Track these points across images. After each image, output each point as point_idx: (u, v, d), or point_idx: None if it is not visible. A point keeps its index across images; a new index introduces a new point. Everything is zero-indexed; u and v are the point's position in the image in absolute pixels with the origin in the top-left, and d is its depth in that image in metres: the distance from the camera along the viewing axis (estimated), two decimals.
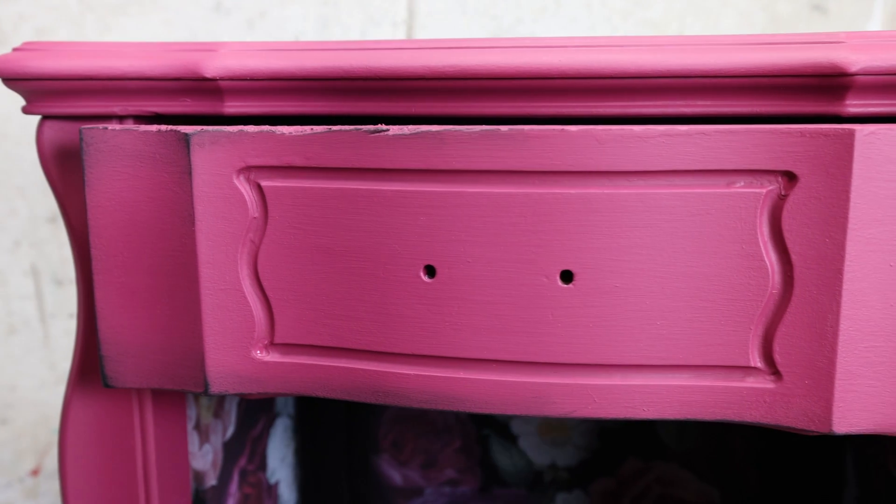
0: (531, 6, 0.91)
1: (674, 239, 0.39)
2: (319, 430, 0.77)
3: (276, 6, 0.90)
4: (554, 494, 0.78)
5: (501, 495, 0.79)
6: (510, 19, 0.91)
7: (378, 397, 0.43)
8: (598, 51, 0.40)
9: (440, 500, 0.79)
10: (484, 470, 0.79)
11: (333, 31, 0.90)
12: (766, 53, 0.39)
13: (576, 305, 0.40)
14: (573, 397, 0.41)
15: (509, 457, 0.78)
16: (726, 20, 0.90)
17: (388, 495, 0.80)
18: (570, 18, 0.91)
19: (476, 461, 0.79)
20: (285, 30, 0.89)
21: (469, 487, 0.79)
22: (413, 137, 0.39)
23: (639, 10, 0.91)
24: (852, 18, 0.89)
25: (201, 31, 0.88)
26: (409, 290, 0.41)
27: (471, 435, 0.78)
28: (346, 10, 0.91)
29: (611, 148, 0.38)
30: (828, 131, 0.37)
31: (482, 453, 0.78)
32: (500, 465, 0.78)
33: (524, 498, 0.79)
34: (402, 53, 0.41)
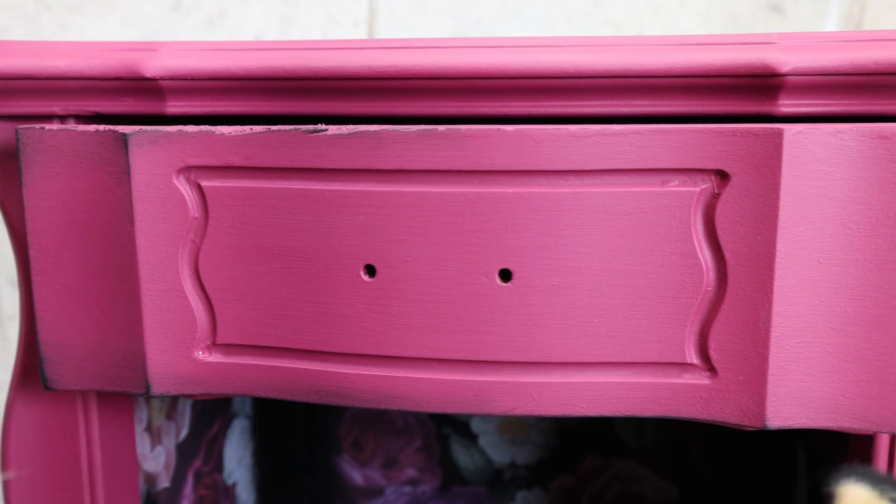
0: (492, 6, 0.91)
1: (610, 237, 0.39)
2: (278, 431, 0.77)
3: (236, 6, 0.90)
4: (514, 493, 0.79)
5: (462, 494, 0.79)
6: (471, 19, 0.91)
7: (321, 397, 0.43)
8: (537, 51, 0.41)
9: (401, 500, 0.80)
10: (444, 469, 0.79)
11: (294, 31, 0.89)
12: (700, 54, 0.40)
13: (515, 304, 0.40)
14: (513, 395, 0.41)
15: (469, 455, 0.79)
16: (685, 20, 0.91)
17: (348, 495, 0.80)
18: (531, 19, 0.91)
19: (436, 460, 0.79)
20: (245, 29, 0.89)
21: (430, 486, 0.79)
22: (351, 137, 0.39)
23: (599, 11, 0.91)
24: (809, 19, 0.90)
25: (160, 31, 0.87)
26: (350, 290, 0.41)
27: (431, 434, 0.78)
28: (306, 9, 0.90)
29: (547, 147, 0.38)
30: (758, 131, 0.37)
31: (442, 452, 0.79)
32: (460, 463, 0.79)
33: (484, 496, 0.79)
34: (343, 53, 0.41)
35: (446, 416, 0.78)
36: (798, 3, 0.91)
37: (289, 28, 0.90)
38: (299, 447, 0.78)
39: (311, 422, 0.78)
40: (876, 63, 0.38)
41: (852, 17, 0.89)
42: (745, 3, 0.91)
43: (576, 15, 0.91)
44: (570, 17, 0.91)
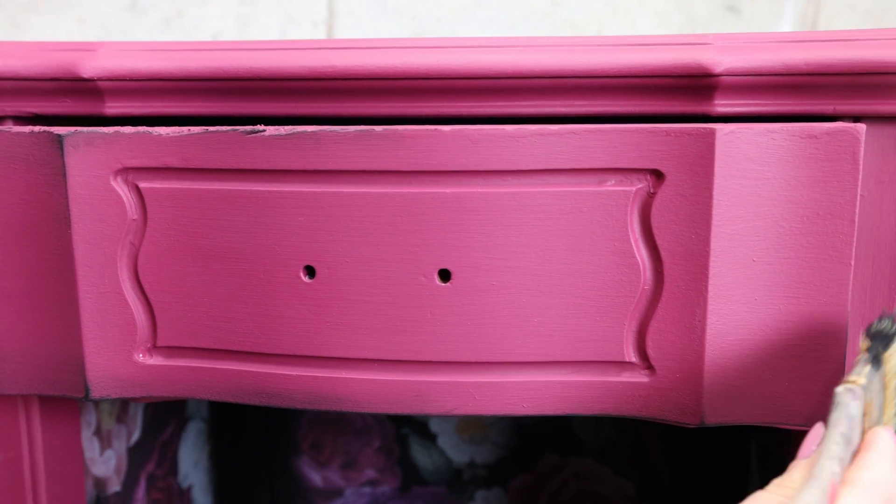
0: (451, 6, 0.91)
1: (548, 237, 0.39)
2: (236, 434, 0.77)
3: (194, 5, 0.89)
4: (473, 492, 0.79)
5: (421, 494, 0.79)
6: (430, 19, 0.91)
7: (262, 399, 0.42)
8: (477, 52, 0.41)
9: (360, 501, 0.79)
10: (404, 469, 0.79)
11: (252, 31, 0.89)
12: (636, 54, 0.40)
13: (454, 304, 0.40)
14: (453, 395, 0.41)
15: (428, 455, 0.79)
16: (644, 20, 0.91)
17: (308, 497, 0.79)
18: (490, 18, 0.91)
19: (396, 460, 0.79)
20: (203, 30, 0.88)
21: (389, 487, 0.79)
22: (289, 138, 0.39)
23: (558, 11, 0.92)
24: (765, 19, 0.91)
25: (116, 31, 0.86)
26: (290, 291, 0.41)
27: (390, 435, 0.78)
28: (264, 9, 0.90)
29: (484, 148, 0.39)
30: (691, 130, 0.38)
31: (401, 453, 0.79)
32: (419, 464, 0.79)
33: (444, 496, 0.79)
34: (283, 54, 0.41)
35: (405, 417, 0.78)
36: (754, 3, 0.92)
37: (247, 28, 0.89)
38: (258, 449, 0.78)
39: (269, 424, 0.78)
40: (807, 64, 0.38)
41: (807, 18, 0.90)
42: (703, 4, 0.92)
43: (535, 15, 0.92)
44: (529, 17, 0.92)
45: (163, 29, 0.87)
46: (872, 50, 0.38)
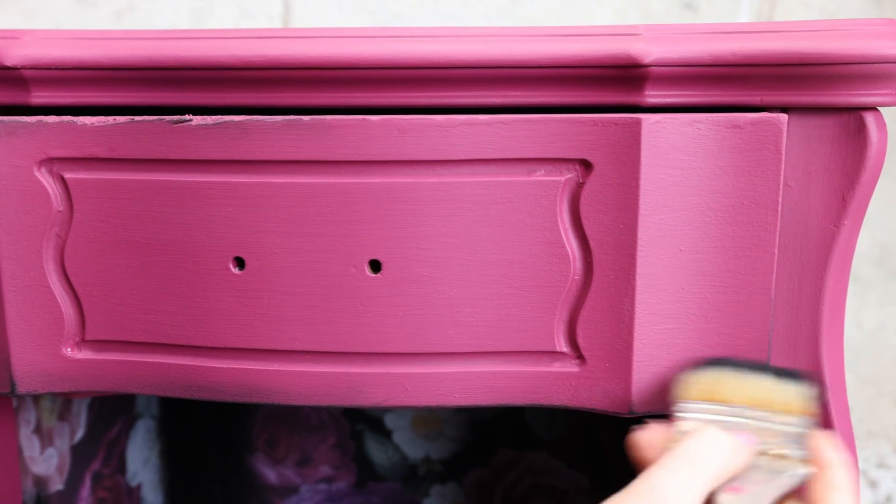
0: (408, 2, 0.91)
1: (478, 227, 0.39)
2: (187, 431, 0.76)
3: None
4: (429, 488, 0.79)
5: (377, 490, 0.79)
6: (387, 14, 0.91)
7: (193, 392, 0.42)
8: (408, 41, 0.40)
9: (316, 498, 0.79)
10: (359, 465, 0.78)
11: (207, 25, 0.88)
12: (567, 44, 0.40)
13: (384, 295, 0.40)
14: (385, 386, 0.41)
15: (384, 451, 0.78)
16: (602, 17, 0.92)
17: (263, 494, 0.79)
18: (448, 14, 0.91)
19: (351, 457, 0.78)
20: (156, 23, 0.87)
21: (345, 483, 0.79)
22: (216, 128, 0.39)
23: (516, 8, 0.92)
24: (721, 15, 0.92)
25: (66, 24, 0.85)
26: (220, 283, 0.40)
27: (345, 431, 0.78)
28: (219, 3, 0.89)
29: (413, 137, 0.38)
30: (618, 120, 0.38)
31: (357, 449, 0.78)
32: (374, 459, 0.78)
33: (399, 492, 0.79)
34: (212, 43, 0.41)
35: (360, 413, 0.78)
36: (711, 0, 0.93)
37: (201, 22, 0.88)
38: (211, 447, 0.77)
39: (222, 421, 0.77)
40: (734, 54, 0.38)
41: (763, 14, 0.91)
42: (660, 1, 0.92)
43: (493, 11, 0.92)
44: (488, 13, 0.92)
45: (114, 22, 0.86)
46: (798, 41, 0.38)
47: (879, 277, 0.90)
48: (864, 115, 0.38)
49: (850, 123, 0.39)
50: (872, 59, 0.37)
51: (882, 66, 0.37)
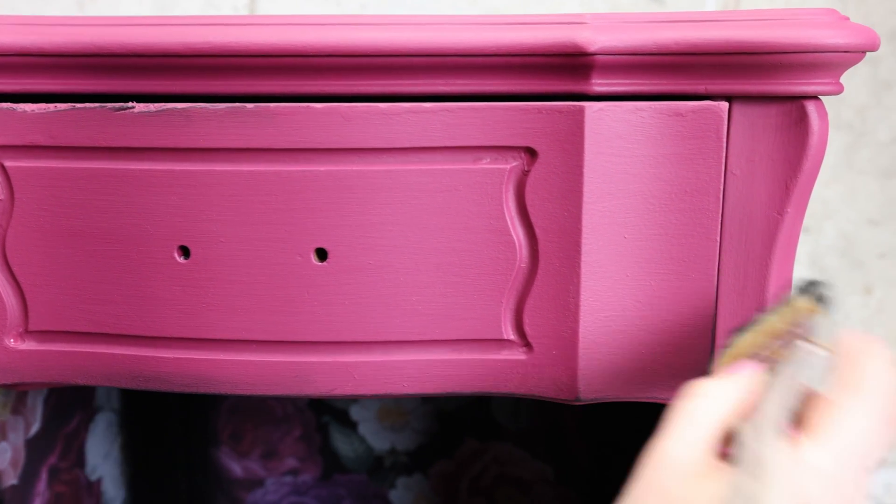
0: None
1: (424, 215, 0.39)
2: (150, 424, 0.75)
3: None
4: (395, 479, 0.79)
5: (343, 482, 0.79)
6: (354, 5, 0.90)
7: (139, 383, 0.42)
8: (355, 29, 0.40)
9: (282, 490, 0.79)
10: (325, 457, 0.78)
11: (171, 14, 0.87)
12: (513, 33, 0.40)
13: (331, 283, 0.40)
14: (333, 375, 0.41)
15: (349, 443, 0.78)
16: (569, 8, 0.92)
17: (228, 488, 0.78)
18: (417, 4, 0.91)
19: (317, 449, 0.78)
20: (119, 12, 0.86)
21: (310, 476, 0.79)
22: (159, 115, 0.38)
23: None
24: (687, 5, 0.92)
25: (26, 13, 0.84)
26: (165, 272, 0.40)
27: (310, 423, 0.78)
28: None
29: (358, 125, 0.38)
30: (562, 108, 0.38)
31: (322, 441, 0.78)
32: (340, 452, 0.78)
33: (365, 484, 0.79)
34: (156, 30, 0.40)
35: (326, 405, 0.78)
36: None
37: (166, 11, 0.87)
38: (174, 440, 0.77)
39: (187, 414, 0.77)
40: (677, 43, 0.38)
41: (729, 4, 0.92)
42: None
43: (461, 1, 0.91)
44: (456, 2, 0.91)
45: (76, 11, 0.85)
46: (740, 30, 0.38)
47: (843, 267, 0.91)
48: (805, 104, 0.39)
49: (792, 112, 0.39)
50: (812, 48, 0.37)
51: (822, 55, 0.37)
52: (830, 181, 0.89)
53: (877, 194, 0.89)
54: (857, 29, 0.38)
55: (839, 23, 0.38)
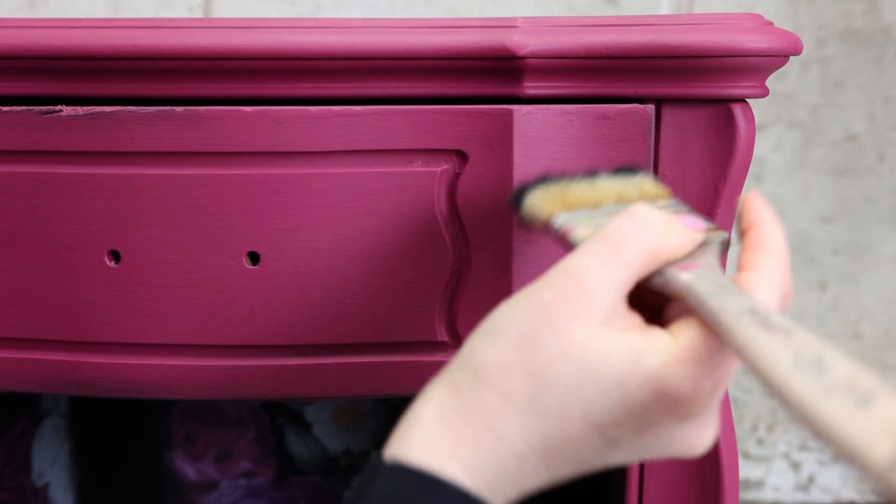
0: None
1: (357, 218, 0.39)
2: (100, 428, 0.75)
3: None
4: (350, 480, 0.79)
5: (298, 484, 0.79)
6: (310, 6, 0.90)
7: (71, 388, 0.41)
8: (285, 32, 0.40)
9: (236, 493, 0.78)
10: (279, 459, 0.78)
11: (124, 15, 0.86)
12: (446, 36, 0.40)
13: (264, 287, 0.39)
14: (268, 379, 0.41)
15: (304, 445, 0.78)
16: (524, 10, 0.92)
17: (182, 491, 0.78)
18: (372, 6, 0.91)
19: (271, 451, 0.78)
20: (70, 13, 0.85)
21: (265, 478, 0.78)
22: (87, 118, 0.38)
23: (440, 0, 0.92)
24: (642, 9, 0.93)
25: None
26: (96, 277, 0.40)
27: (265, 425, 0.77)
28: None
29: (288, 128, 0.38)
30: (491, 111, 0.38)
31: (277, 443, 0.78)
32: (295, 453, 0.78)
33: (321, 485, 0.79)
34: (84, 32, 0.40)
35: (280, 406, 0.77)
36: None
37: (118, 12, 0.86)
38: (126, 444, 0.76)
39: (138, 417, 0.76)
40: (606, 47, 0.39)
41: (682, 8, 0.93)
42: None
43: (417, 3, 0.91)
44: (412, 4, 0.91)
45: (26, 12, 0.84)
46: (668, 34, 0.39)
47: (798, 264, 0.92)
48: (732, 107, 0.39)
49: (720, 115, 0.39)
50: (738, 52, 0.38)
51: (747, 59, 0.38)
52: (784, 179, 0.91)
53: (830, 192, 0.91)
54: (779, 33, 0.38)
55: (762, 27, 0.38)
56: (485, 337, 0.29)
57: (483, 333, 0.29)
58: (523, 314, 0.28)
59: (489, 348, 0.28)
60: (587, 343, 0.27)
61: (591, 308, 0.27)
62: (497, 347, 0.28)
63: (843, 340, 0.92)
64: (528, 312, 0.28)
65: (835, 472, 0.95)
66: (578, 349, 0.27)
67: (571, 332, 0.27)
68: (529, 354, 0.27)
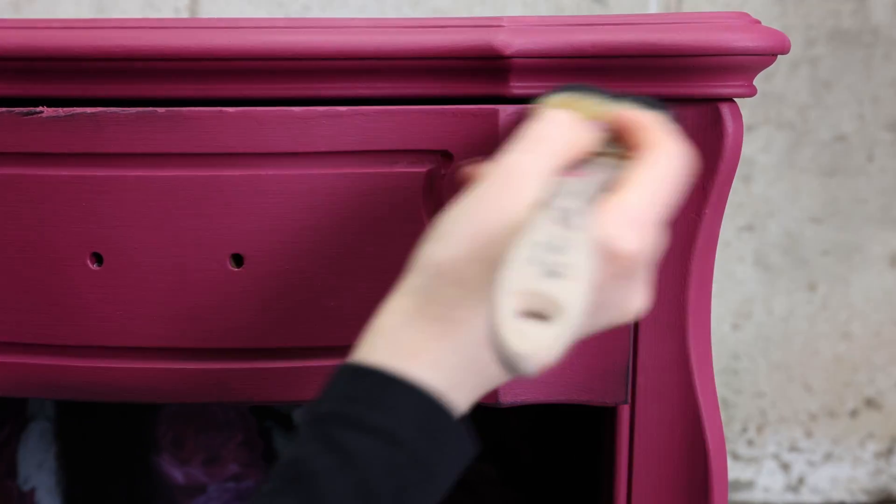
0: None
1: (341, 219, 0.39)
2: (87, 432, 0.74)
3: None
4: None
5: None
6: (297, 7, 0.90)
7: (53, 393, 0.41)
8: (271, 32, 0.40)
9: (225, 497, 0.78)
10: (268, 462, 0.77)
11: (110, 16, 0.86)
12: (431, 36, 0.40)
13: (248, 289, 0.39)
14: (252, 382, 0.40)
15: None
16: (512, 9, 0.92)
17: (170, 495, 0.77)
18: (360, 7, 0.91)
19: (259, 454, 0.77)
20: (56, 13, 0.85)
21: (253, 481, 0.78)
22: (68, 120, 0.38)
23: (428, 0, 0.92)
24: (630, 8, 0.93)
25: None
26: (78, 280, 0.39)
27: (253, 428, 0.77)
28: None
29: (272, 129, 0.38)
30: (476, 111, 0.38)
31: (265, 446, 0.77)
32: None
33: None
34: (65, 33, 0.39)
35: (268, 409, 0.77)
36: None
37: (104, 13, 0.86)
38: (113, 448, 0.75)
39: (125, 421, 0.75)
40: (594, 46, 0.39)
41: (671, 7, 0.93)
42: None
43: (404, 4, 0.91)
44: (399, 5, 0.91)
45: (11, 13, 0.83)
46: (654, 34, 0.38)
47: (788, 265, 0.92)
48: (720, 106, 0.39)
49: (707, 114, 0.39)
50: (725, 51, 0.38)
51: (734, 57, 0.38)
52: (773, 180, 0.91)
53: (819, 192, 0.91)
54: (767, 32, 0.38)
55: (749, 26, 0.38)
56: (437, 242, 0.31)
57: (434, 240, 0.31)
58: (470, 213, 0.31)
59: (444, 249, 0.30)
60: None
61: (528, 190, 0.30)
62: (451, 247, 0.30)
63: (833, 341, 0.92)
64: (474, 210, 0.31)
65: (825, 472, 0.95)
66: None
67: (517, 213, 0.29)
68: (483, 244, 0.30)
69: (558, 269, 0.27)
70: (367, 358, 0.30)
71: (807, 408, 0.94)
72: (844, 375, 0.93)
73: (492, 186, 0.31)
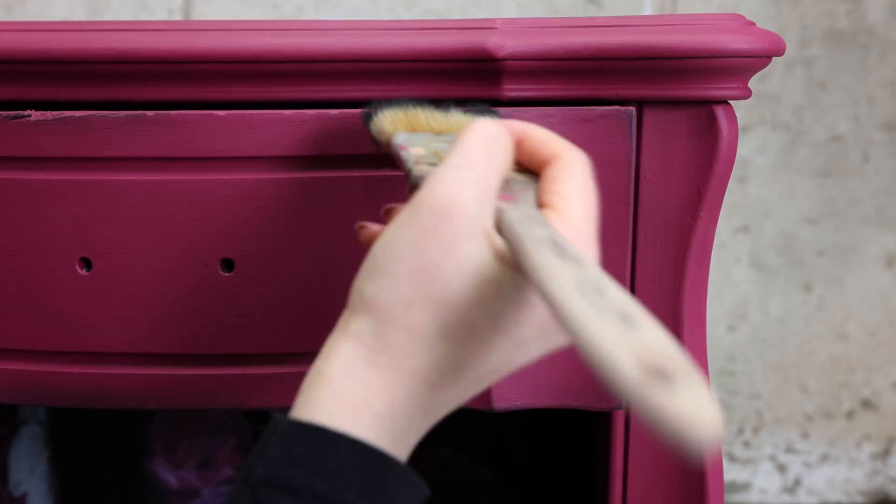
0: None
1: (332, 223, 0.38)
2: (79, 436, 0.73)
3: None
4: None
5: None
6: (291, 8, 0.89)
7: (45, 399, 0.40)
8: (264, 34, 0.39)
9: (218, 501, 0.77)
10: None
11: (103, 18, 0.85)
12: (424, 38, 0.39)
13: (238, 294, 0.39)
14: (242, 387, 0.40)
15: None
16: (506, 11, 0.92)
17: (163, 499, 0.77)
18: (353, 8, 0.90)
19: None
20: (48, 16, 0.84)
21: None
22: (57, 123, 0.37)
23: (421, 1, 0.91)
24: (626, 10, 0.93)
25: None
26: (67, 285, 0.39)
27: (247, 432, 0.76)
28: None
29: (263, 133, 0.37)
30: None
31: None
32: None
33: None
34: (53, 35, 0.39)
35: (262, 413, 0.76)
36: None
37: (97, 15, 0.85)
38: (106, 452, 0.75)
39: (118, 425, 0.75)
40: (587, 48, 0.38)
41: (665, 9, 0.92)
42: None
43: (398, 5, 0.91)
44: (393, 7, 0.91)
45: (3, 15, 0.83)
46: (647, 35, 0.38)
47: (783, 266, 0.92)
48: (714, 109, 0.39)
49: (702, 117, 0.39)
50: (719, 53, 0.37)
51: (729, 59, 0.38)
52: (769, 181, 0.91)
53: (814, 193, 0.91)
54: (761, 34, 0.38)
55: (744, 28, 0.38)
56: (373, 280, 0.28)
57: (369, 278, 0.28)
58: (407, 247, 0.27)
59: (383, 290, 0.28)
60: (479, 255, 0.27)
61: (473, 220, 0.27)
62: (391, 287, 0.27)
63: (829, 342, 0.92)
64: (411, 243, 0.27)
65: (821, 474, 0.95)
66: (472, 264, 0.27)
67: (460, 249, 0.27)
68: (426, 284, 0.27)
69: (626, 315, 0.24)
70: (312, 410, 0.27)
71: (803, 409, 0.94)
72: (840, 376, 0.93)
73: (432, 215, 0.27)
